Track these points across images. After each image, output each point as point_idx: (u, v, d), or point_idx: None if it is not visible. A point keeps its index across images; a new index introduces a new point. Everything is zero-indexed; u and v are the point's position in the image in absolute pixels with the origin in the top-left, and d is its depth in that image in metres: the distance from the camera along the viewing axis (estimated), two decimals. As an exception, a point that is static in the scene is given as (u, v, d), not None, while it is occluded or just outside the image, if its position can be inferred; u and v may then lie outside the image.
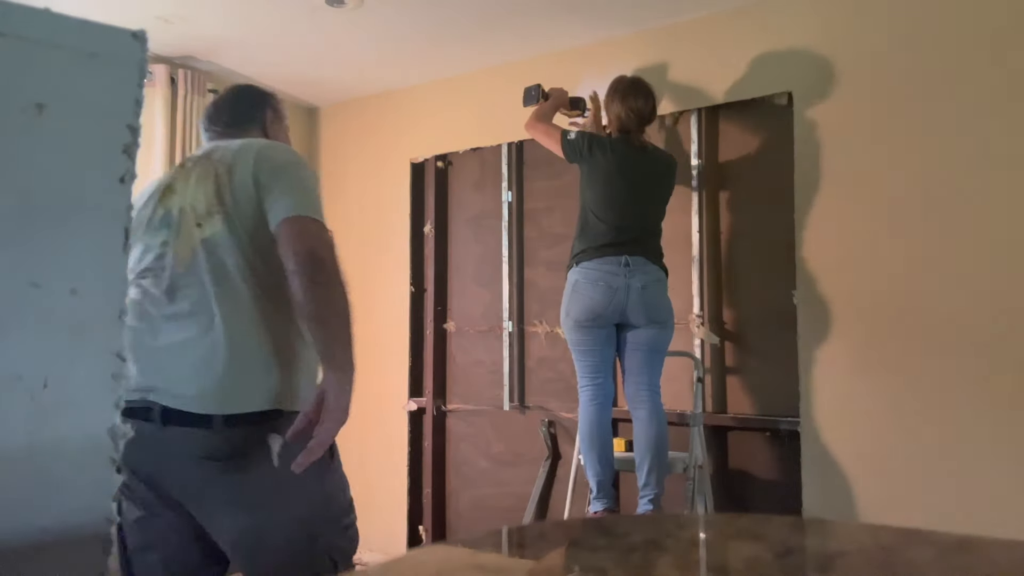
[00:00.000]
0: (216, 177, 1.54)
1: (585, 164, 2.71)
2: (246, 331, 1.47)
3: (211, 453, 1.42)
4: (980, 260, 2.43)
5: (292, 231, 1.46)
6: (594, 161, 2.68)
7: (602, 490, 2.59)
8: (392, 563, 0.93)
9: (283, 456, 1.41)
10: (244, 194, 1.51)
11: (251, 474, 1.43)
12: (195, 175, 1.58)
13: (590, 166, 2.70)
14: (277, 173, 1.53)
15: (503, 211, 3.49)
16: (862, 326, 2.61)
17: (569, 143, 2.74)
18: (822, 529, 1.04)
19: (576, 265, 2.65)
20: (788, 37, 2.80)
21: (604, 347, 2.64)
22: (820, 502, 2.63)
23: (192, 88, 3.47)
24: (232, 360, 1.43)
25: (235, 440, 1.42)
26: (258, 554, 1.47)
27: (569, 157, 2.76)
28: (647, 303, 2.57)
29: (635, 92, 2.71)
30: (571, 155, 2.75)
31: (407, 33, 3.19)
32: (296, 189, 1.52)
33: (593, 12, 2.96)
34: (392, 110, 3.88)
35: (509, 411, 3.41)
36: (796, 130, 2.76)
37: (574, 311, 2.62)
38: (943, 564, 0.78)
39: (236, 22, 3.08)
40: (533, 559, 0.89)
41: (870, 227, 2.61)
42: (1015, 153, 2.39)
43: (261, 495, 1.44)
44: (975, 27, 2.47)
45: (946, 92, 2.51)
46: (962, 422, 2.42)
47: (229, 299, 1.48)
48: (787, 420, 2.74)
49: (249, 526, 1.44)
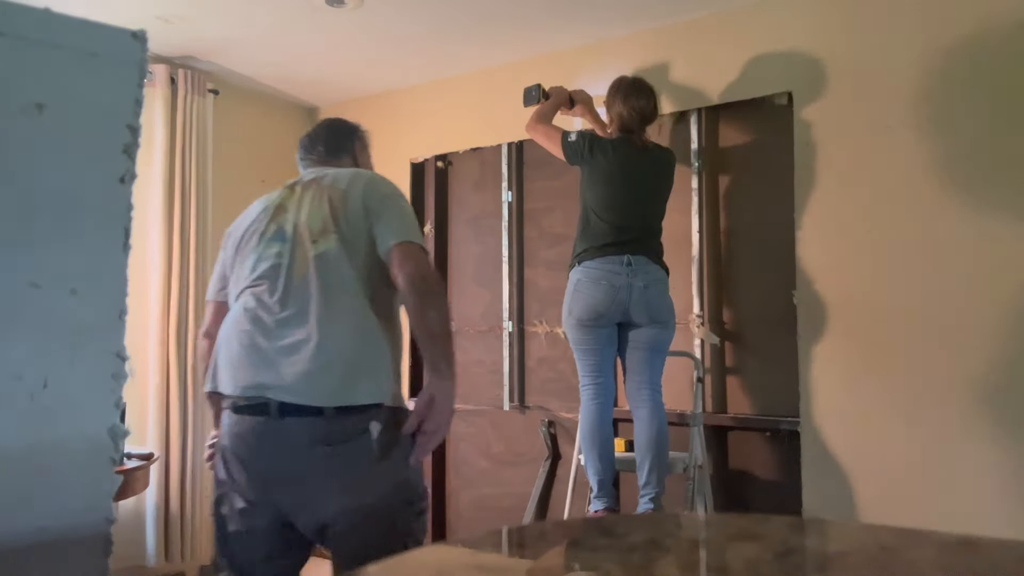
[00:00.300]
0: (330, 201, 1.78)
1: (586, 165, 2.71)
2: (351, 335, 1.68)
3: (322, 439, 1.62)
4: (980, 260, 2.43)
5: (401, 255, 1.71)
6: (595, 162, 2.68)
7: (602, 489, 2.59)
8: (392, 563, 0.93)
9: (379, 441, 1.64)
10: (355, 218, 1.75)
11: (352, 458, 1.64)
12: (307, 198, 1.82)
13: (591, 167, 2.70)
14: (384, 203, 1.78)
15: (503, 211, 3.49)
16: (862, 326, 2.61)
17: (569, 145, 2.74)
18: (822, 529, 1.04)
19: (578, 264, 2.65)
20: (788, 37, 2.80)
21: (606, 346, 2.65)
22: (820, 502, 2.63)
23: (192, 88, 3.47)
24: (339, 360, 1.64)
25: (342, 427, 1.63)
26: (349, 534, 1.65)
27: (570, 159, 2.76)
28: (649, 302, 2.58)
29: (637, 91, 2.71)
30: (572, 157, 2.75)
31: (407, 33, 3.19)
32: (401, 218, 1.77)
33: (593, 12, 2.96)
34: (392, 110, 3.88)
35: (509, 411, 3.41)
36: (796, 130, 2.76)
37: (576, 310, 2.62)
38: (943, 564, 0.78)
39: (236, 22, 3.08)
40: (533, 559, 0.89)
41: (870, 227, 2.61)
42: (1015, 153, 2.39)
43: (360, 477, 1.64)
44: (975, 27, 2.47)
45: (946, 92, 2.51)
46: (962, 422, 2.42)
47: (337, 307, 1.69)
48: (787, 420, 2.74)
49: (346, 506, 1.64)
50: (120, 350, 1.01)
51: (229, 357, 1.72)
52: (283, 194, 1.89)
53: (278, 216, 1.83)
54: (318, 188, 1.83)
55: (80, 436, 0.97)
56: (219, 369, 1.74)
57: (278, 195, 1.90)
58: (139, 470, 2.39)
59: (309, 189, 1.85)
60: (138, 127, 1.03)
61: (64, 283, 0.95)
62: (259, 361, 1.66)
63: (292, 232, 1.78)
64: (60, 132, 0.97)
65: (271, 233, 1.81)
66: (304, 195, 1.84)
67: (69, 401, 0.96)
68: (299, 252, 1.75)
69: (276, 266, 1.75)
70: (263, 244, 1.80)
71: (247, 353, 1.67)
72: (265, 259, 1.77)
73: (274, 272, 1.75)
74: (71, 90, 0.98)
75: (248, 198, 4.17)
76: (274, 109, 4.05)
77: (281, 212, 1.83)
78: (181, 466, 3.35)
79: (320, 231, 1.75)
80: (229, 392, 1.70)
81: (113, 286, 1.01)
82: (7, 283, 0.91)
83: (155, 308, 3.36)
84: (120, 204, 1.00)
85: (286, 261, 1.75)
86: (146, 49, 1.05)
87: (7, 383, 0.91)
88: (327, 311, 1.68)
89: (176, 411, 3.35)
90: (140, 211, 2.50)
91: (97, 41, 1.00)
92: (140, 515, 3.29)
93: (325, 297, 1.69)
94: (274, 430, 1.63)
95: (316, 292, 1.70)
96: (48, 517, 0.93)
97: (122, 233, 1.00)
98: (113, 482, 1.00)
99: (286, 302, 1.71)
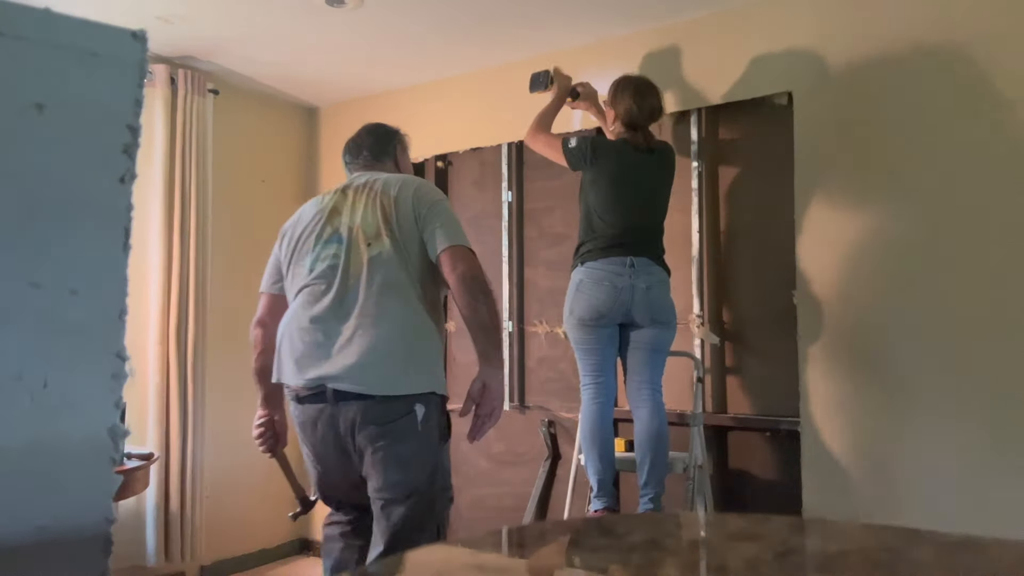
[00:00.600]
0: (382, 207, 1.97)
1: (590, 170, 2.70)
2: (402, 331, 1.88)
3: (372, 419, 1.84)
4: (981, 260, 2.43)
5: (453, 257, 1.91)
6: (599, 166, 2.67)
7: (602, 488, 2.59)
8: (392, 563, 0.93)
9: (424, 422, 1.86)
10: (406, 223, 1.95)
11: (399, 436, 1.85)
12: (360, 203, 2.01)
13: (595, 171, 2.69)
14: (432, 209, 1.98)
15: (503, 211, 3.49)
16: (862, 326, 2.61)
17: (571, 151, 2.72)
18: (822, 529, 1.04)
19: (581, 265, 2.65)
20: (788, 37, 2.80)
21: (607, 346, 2.65)
22: (820, 502, 2.63)
23: (192, 88, 3.47)
24: (389, 354, 1.85)
25: (390, 409, 1.84)
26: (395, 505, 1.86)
27: (573, 165, 2.74)
28: (651, 303, 2.58)
29: (645, 88, 2.70)
30: (574, 163, 2.73)
31: (407, 33, 3.19)
32: (449, 223, 1.97)
33: (593, 12, 2.96)
34: (392, 110, 3.88)
35: (509, 411, 3.41)
36: (796, 130, 2.76)
37: (578, 310, 2.62)
38: (943, 564, 0.78)
39: (236, 22, 3.08)
40: (533, 559, 0.89)
41: (870, 227, 2.61)
42: (1016, 153, 2.39)
43: (404, 454, 1.85)
44: (975, 27, 2.47)
45: (946, 92, 2.51)
46: (962, 422, 2.42)
47: (390, 304, 1.88)
48: (787, 420, 2.74)
49: (393, 480, 1.85)
50: (120, 350, 1.01)
51: (292, 352, 1.93)
52: (335, 198, 2.06)
53: (333, 219, 2.01)
54: (370, 193, 2.02)
55: (80, 436, 0.97)
56: (283, 363, 1.96)
57: (331, 198, 2.06)
58: (139, 470, 2.39)
59: (361, 194, 2.03)
60: (138, 127, 1.03)
61: (64, 283, 0.95)
62: (319, 355, 1.88)
63: (347, 234, 1.96)
64: (60, 132, 0.97)
65: (327, 235, 1.99)
66: (356, 200, 2.02)
67: (69, 401, 0.96)
68: (354, 253, 1.94)
69: (333, 266, 1.94)
70: (320, 245, 1.99)
71: (308, 348, 1.89)
72: (322, 260, 1.96)
73: (331, 272, 1.94)
74: (71, 90, 0.98)
75: (248, 198, 4.19)
76: (274, 109, 4.05)
77: (335, 215, 2.01)
78: (181, 466, 3.35)
79: (374, 235, 1.94)
80: (293, 384, 1.93)
81: (113, 286, 1.01)
82: (7, 283, 0.91)
83: (155, 308, 3.36)
84: (120, 204, 1.00)
85: (342, 262, 1.94)
86: (146, 49, 1.05)
87: (7, 383, 0.91)
88: (380, 308, 1.87)
89: (176, 411, 3.35)
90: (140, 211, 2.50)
91: (97, 41, 1.00)
92: (140, 515, 3.29)
93: (379, 295, 1.88)
94: (331, 415, 1.87)
95: (371, 291, 1.89)
96: (48, 517, 0.93)
97: (122, 233, 1.00)
98: (113, 482, 1.00)
99: (343, 300, 1.90)
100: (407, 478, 1.85)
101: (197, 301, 3.44)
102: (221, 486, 3.64)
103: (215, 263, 3.58)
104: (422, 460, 1.88)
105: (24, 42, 0.93)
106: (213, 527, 3.56)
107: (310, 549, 4.03)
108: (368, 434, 1.84)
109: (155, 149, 3.37)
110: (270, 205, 4.01)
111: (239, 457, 3.75)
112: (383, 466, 1.85)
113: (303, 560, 3.96)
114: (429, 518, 1.90)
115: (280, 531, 3.96)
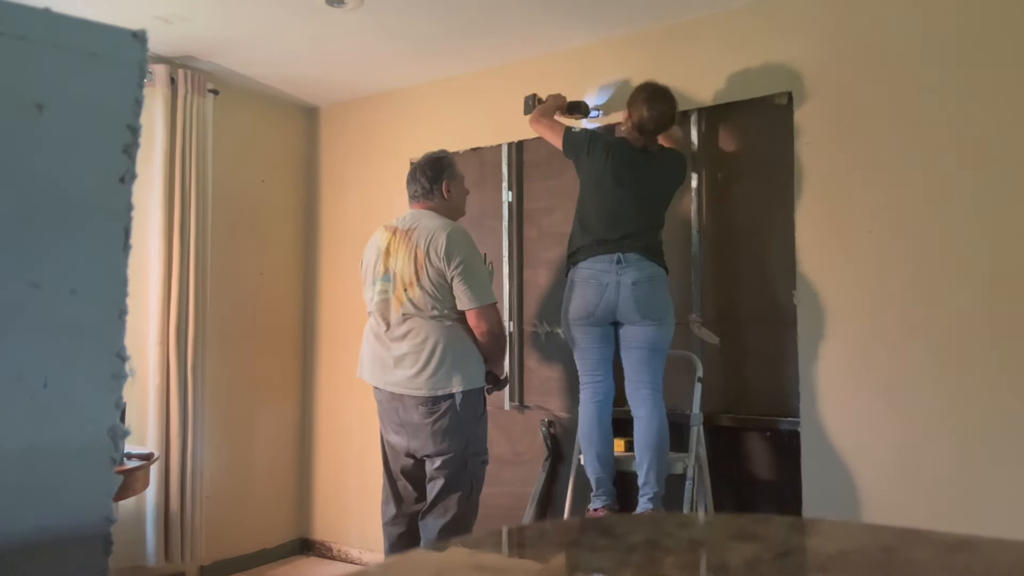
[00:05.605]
0: (415, 260, 2.51)
1: (582, 160, 2.72)
2: (442, 347, 2.49)
3: (423, 405, 2.50)
4: (981, 259, 2.43)
5: (478, 317, 2.52)
6: (591, 159, 2.70)
7: (602, 487, 2.59)
8: (392, 563, 0.93)
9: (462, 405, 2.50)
10: (436, 277, 2.49)
11: (442, 419, 2.49)
12: (401, 251, 2.55)
13: (587, 164, 2.71)
14: (459, 268, 2.48)
15: (503, 211, 3.49)
16: (862, 326, 2.61)
17: (570, 135, 2.78)
18: (822, 529, 1.04)
19: (573, 266, 2.67)
20: (788, 37, 2.80)
21: (601, 345, 2.65)
22: (820, 502, 2.63)
23: (192, 88, 3.46)
24: (431, 368, 2.49)
25: (437, 399, 2.49)
26: (441, 469, 2.52)
27: (566, 151, 2.78)
28: (638, 298, 2.57)
29: (661, 97, 2.72)
30: (568, 149, 2.77)
31: (407, 33, 3.19)
32: (475, 282, 2.51)
33: (593, 12, 2.96)
34: (392, 110, 3.88)
35: (509, 411, 3.41)
36: (796, 130, 2.76)
37: (570, 310, 2.64)
38: (943, 564, 0.78)
39: (236, 22, 3.08)
40: (533, 559, 0.89)
41: (870, 226, 2.61)
42: (1016, 151, 2.39)
43: (446, 430, 2.49)
44: (975, 27, 2.47)
45: (946, 91, 2.51)
46: (963, 422, 2.42)
47: (430, 329, 2.50)
48: (787, 420, 2.74)
49: (439, 449, 2.51)
50: (120, 350, 1.00)
51: (368, 359, 2.65)
52: (387, 238, 2.61)
53: (386, 259, 2.58)
54: (407, 243, 2.54)
55: (80, 436, 0.97)
56: (364, 366, 2.67)
57: (385, 239, 2.61)
58: (139, 470, 2.39)
59: (402, 242, 2.56)
60: (138, 127, 1.03)
61: (64, 283, 0.95)
62: (382, 365, 2.59)
63: (393, 277, 2.55)
64: (60, 132, 0.97)
65: (380, 274, 2.59)
66: (398, 247, 2.56)
67: (69, 401, 0.96)
68: (398, 291, 2.54)
69: (384, 300, 2.57)
70: (379, 281, 2.59)
71: (375, 359, 2.61)
72: (379, 293, 2.59)
73: (384, 305, 2.58)
74: (71, 90, 0.98)
75: (248, 198, 4.18)
76: (274, 109, 4.05)
77: (388, 256, 2.58)
78: (181, 466, 3.35)
79: (410, 282, 2.51)
80: (370, 382, 2.65)
81: (113, 286, 1.01)
82: (7, 283, 0.90)
83: (155, 308, 3.35)
84: (120, 204, 1.00)
85: (391, 299, 2.55)
86: (146, 49, 1.05)
87: (7, 383, 0.91)
88: (421, 333, 2.50)
89: (176, 411, 3.34)
90: (140, 211, 2.52)
91: (97, 41, 1.00)
92: (140, 515, 3.29)
93: (419, 324, 2.51)
94: (394, 407, 2.57)
95: (412, 321, 2.51)
96: (48, 517, 0.93)
97: (122, 233, 1.00)
98: (113, 482, 1.00)
99: (392, 327, 2.55)
100: (448, 447, 2.50)
101: (197, 301, 3.44)
102: (221, 486, 3.64)
103: (215, 263, 3.58)
104: (458, 434, 2.49)
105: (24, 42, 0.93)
106: (213, 527, 3.56)
107: (310, 549, 4.03)
108: (420, 415, 2.50)
109: (155, 149, 3.37)
110: (270, 205, 4.01)
111: (239, 457, 3.75)
112: (430, 438, 2.50)
113: (303, 560, 3.96)
114: (464, 478, 2.52)
115: (280, 531, 3.97)
